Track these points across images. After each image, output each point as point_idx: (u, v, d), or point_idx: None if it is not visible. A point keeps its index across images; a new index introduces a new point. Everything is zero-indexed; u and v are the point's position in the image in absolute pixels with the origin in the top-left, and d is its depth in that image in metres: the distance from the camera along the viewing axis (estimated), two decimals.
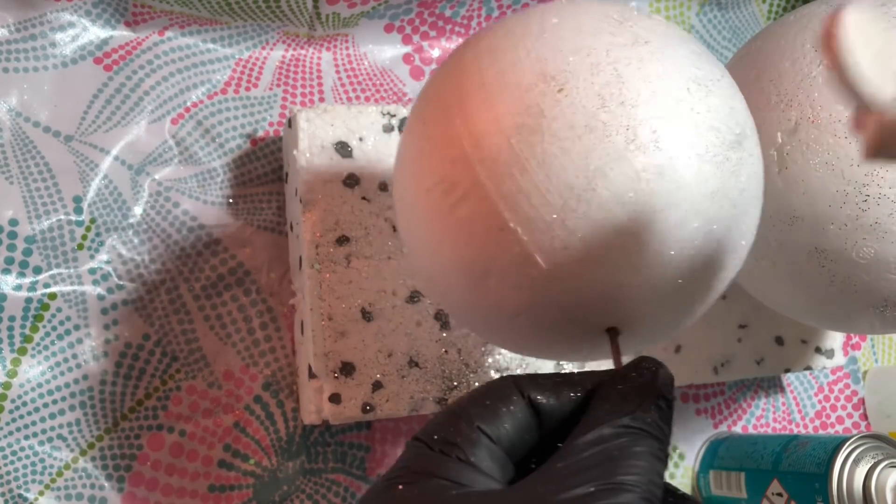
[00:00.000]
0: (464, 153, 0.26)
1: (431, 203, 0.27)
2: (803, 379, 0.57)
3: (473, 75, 0.26)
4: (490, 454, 0.23)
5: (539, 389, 0.24)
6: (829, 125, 0.34)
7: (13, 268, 0.40)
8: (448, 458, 0.22)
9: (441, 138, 0.27)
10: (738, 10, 0.59)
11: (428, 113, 0.28)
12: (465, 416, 0.23)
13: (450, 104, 0.27)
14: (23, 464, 0.39)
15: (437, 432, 0.23)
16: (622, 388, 0.23)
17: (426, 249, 0.28)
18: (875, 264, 0.34)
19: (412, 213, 0.28)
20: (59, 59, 0.43)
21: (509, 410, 0.23)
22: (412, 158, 0.28)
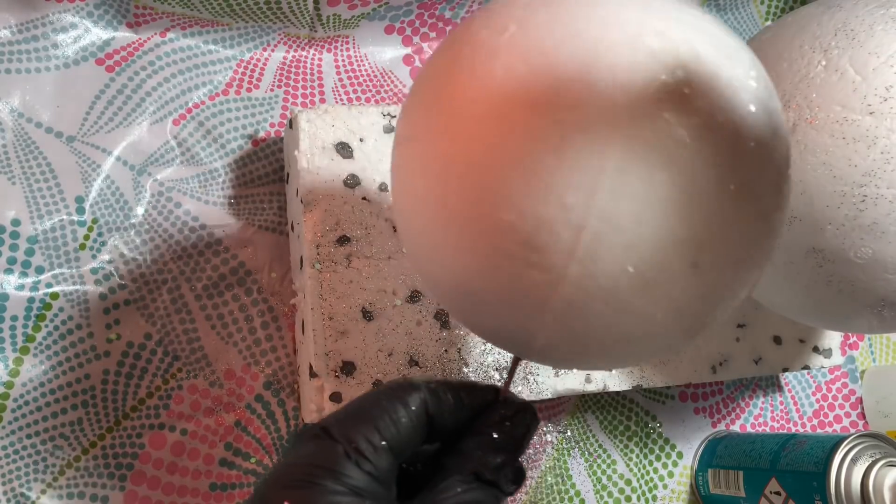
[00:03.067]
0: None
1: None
2: (801, 378, 0.58)
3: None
4: (388, 462, 0.25)
5: (438, 401, 0.27)
6: (826, 126, 0.34)
7: (15, 268, 0.40)
8: (359, 468, 0.24)
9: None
10: (736, 12, 0.59)
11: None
12: (378, 422, 0.25)
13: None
14: (25, 462, 0.39)
15: (350, 435, 0.25)
16: (496, 437, 0.27)
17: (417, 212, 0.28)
18: (873, 264, 0.34)
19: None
20: (61, 60, 0.43)
21: (412, 420, 0.26)
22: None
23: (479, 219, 0.23)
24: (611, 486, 0.50)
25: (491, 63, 0.24)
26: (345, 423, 0.25)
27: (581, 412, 0.50)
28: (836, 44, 0.35)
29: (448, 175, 0.24)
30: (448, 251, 0.25)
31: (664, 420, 0.52)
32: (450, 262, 0.25)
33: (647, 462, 0.51)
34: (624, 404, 0.51)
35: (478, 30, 0.26)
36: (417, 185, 0.26)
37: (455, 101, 0.25)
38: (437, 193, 0.25)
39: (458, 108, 0.24)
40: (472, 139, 0.24)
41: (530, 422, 0.28)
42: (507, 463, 0.27)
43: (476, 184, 0.23)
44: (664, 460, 0.52)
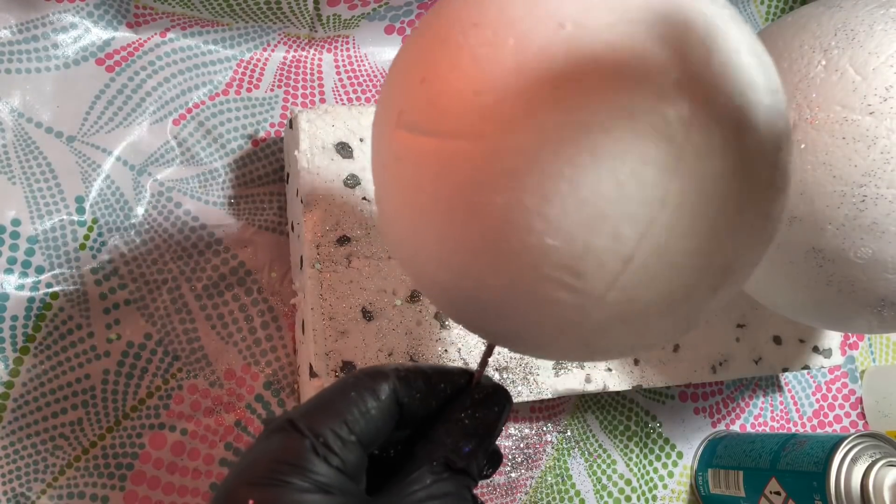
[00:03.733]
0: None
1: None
2: (801, 378, 0.58)
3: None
4: (356, 455, 0.25)
5: (408, 389, 0.27)
6: (826, 126, 0.34)
7: (15, 267, 0.40)
8: (326, 463, 0.24)
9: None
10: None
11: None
12: (346, 413, 0.25)
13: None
14: (25, 462, 0.39)
15: (317, 429, 0.24)
16: (468, 423, 0.27)
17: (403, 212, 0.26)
18: (873, 264, 0.35)
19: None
20: (61, 60, 0.43)
21: (381, 409, 0.26)
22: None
23: (512, 239, 0.22)
24: (611, 486, 0.50)
25: (497, 49, 0.22)
26: (312, 415, 0.25)
27: (581, 412, 0.50)
28: (836, 44, 0.35)
29: (476, 185, 0.22)
30: (470, 263, 0.24)
31: (664, 420, 0.52)
32: (470, 273, 0.24)
33: (647, 462, 0.51)
34: (624, 404, 0.51)
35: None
36: (428, 187, 0.23)
37: (482, 97, 0.22)
38: (460, 203, 0.23)
39: (485, 106, 0.22)
40: (500, 145, 0.21)
41: (502, 404, 0.28)
42: (477, 449, 0.26)
43: (511, 202, 0.21)
44: (664, 460, 0.52)
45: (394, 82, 0.26)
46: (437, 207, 0.23)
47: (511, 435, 0.48)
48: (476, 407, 0.27)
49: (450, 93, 0.22)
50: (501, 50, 0.22)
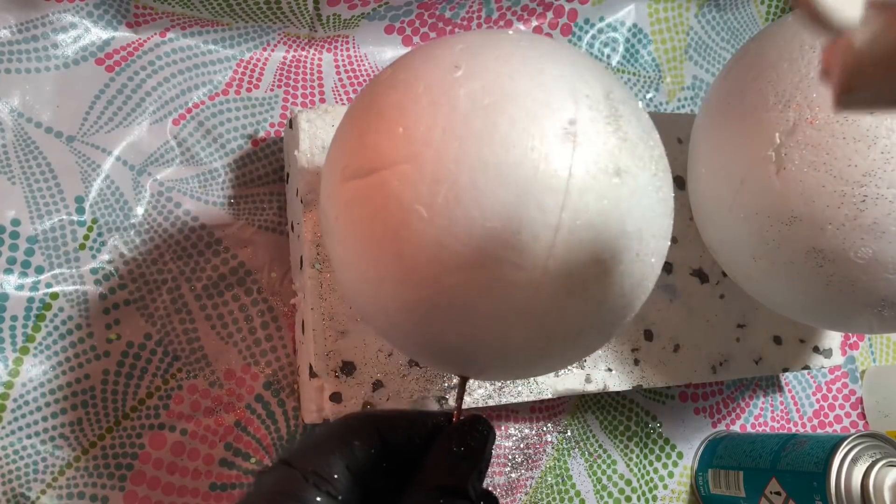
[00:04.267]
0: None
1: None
2: (801, 378, 0.58)
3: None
4: (351, 488, 0.27)
5: (392, 429, 0.29)
6: (827, 126, 0.34)
7: (15, 268, 0.40)
8: (318, 490, 0.26)
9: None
10: (736, 12, 0.59)
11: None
12: (333, 449, 0.27)
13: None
14: (24, 463, 0.39)
15: (308, 462, 0.27)
16: (456, 451, 0.29)
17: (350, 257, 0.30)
18: (873, 264, 0.35)
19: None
20: (61, 60, 0.43)
21: (367, 446, 0.28)
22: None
23: (459, 231, 0.26)
24: (611, 486, 0.50)
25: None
26: (303, 453, 0.27)
27: (581, 412, 0.50)
28: None
29: (413, 196, 0.26)
30: (427, 268, 0.27)
31: (664, 420, 0.52)
32: (429, 279, 0.27)
33: (647, 462, 0.51)
34: (624, 404, 0.51)
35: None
36: (378, 214, 0.27)
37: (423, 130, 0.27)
38: (403, 217, 0.27)
39: (410, 132, 0.27)
40: (426, 157, 0.27)
41: (486, 431, 0.30)
42: (471, 470, 0.28)
43: (448, 196, 0.26)
44: (664, 460, 0.52)
45: (337, 147, 0.30)
46: (386, 228, 0.27)
47: (511, 435, 0.48)
48: (462, 434, 0.29)
49: (381, 133, 0.28)
50: (415, 94, 0.28)
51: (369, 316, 0.31)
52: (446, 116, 0.26)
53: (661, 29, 0.57)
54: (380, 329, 0.32)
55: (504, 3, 0.50)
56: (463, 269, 0.26)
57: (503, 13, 0.51)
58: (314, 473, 0.26)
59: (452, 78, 0.27)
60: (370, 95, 0.30)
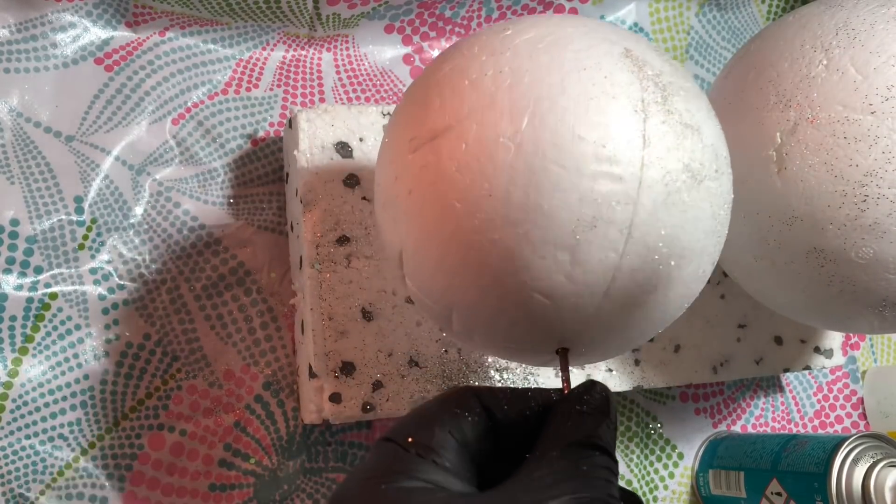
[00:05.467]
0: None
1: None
2: (802, 378, 0.57)
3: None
4: (460, 458, 0.24)
5: (496, 402, 0.26)
6: (827, 125, 0.34)
7: (14, 268, 0.40)
8: (424, 460, 0.23)
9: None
10: (737, 11, 0.59)
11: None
12: (438, 420, 0.25)
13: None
14: (24, 463, 0.39)
15: (410, 434, 0.24)
16: (579, 408, 0.26)
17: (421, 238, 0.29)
18: (874, 264, 0.34)
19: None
20: (60, 60, 0.43)
21: (472, 419, 0.25)
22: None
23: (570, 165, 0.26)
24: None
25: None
26: (403, 427, 0.25)
27: None
28: (837, 43, 0.35)
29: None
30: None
31: (665, 420, 0.52)
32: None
33: (647, 463, 0.51)
34: (624, 405, 0.51)
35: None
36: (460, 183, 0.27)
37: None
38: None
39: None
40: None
41: (605, 392, 0.27)
42: (600, 421, 0.25)
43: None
44: (665, 461, 0.52)
45: (399, 125, 0.30)
46: (471, 172, 0.26)
47: None
48: (581, 394, 0.26)
49: (445, 94, 0.28)
50: (472, 55, 0.28)
51: (456, 292, 0.29)
52: (515, 62, 0.27)
53: (661, 28, 0.57)
54: (467, 309, 0.29)
55: (504, 3, 0.50)
56: (560, 190, 0.25)
57: (503, 13, 0.51)
58: (416, 444, 0.24)
59: (504, 35, 0.28)
60: (425, 76, 0.30)
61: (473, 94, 0.27)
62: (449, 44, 0.51)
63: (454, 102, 0.27)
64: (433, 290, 0.29)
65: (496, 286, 0.27)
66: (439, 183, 0.27)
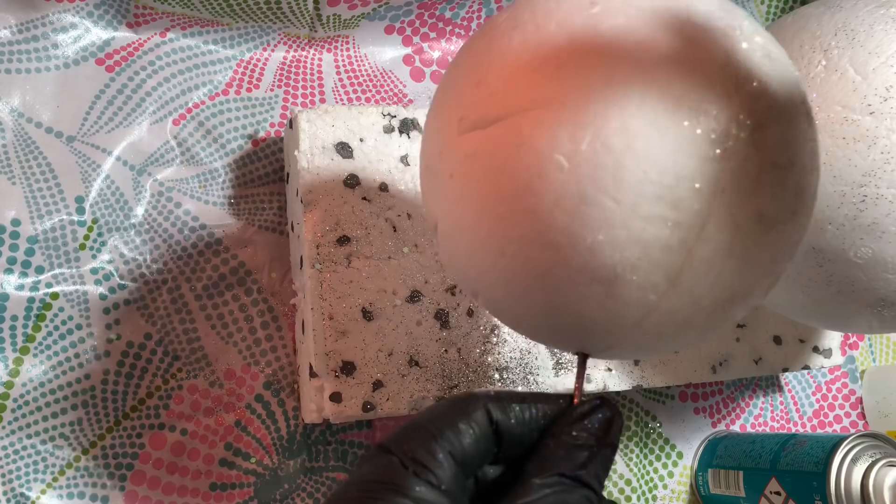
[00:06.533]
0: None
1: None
2: (801, 378, 0.58)
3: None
4: (455, 480, 0.24)
5: (503, 411, 0.26)
6: (826, 126, 0.34)
7: (15, 267, 0.40)
8: (419, 479, 0.23)
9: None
10: None
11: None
12: (436, 434, 0.24)
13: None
14: (25, 462, 0.39)
15: (407, 448, 0.24)
16: (576, 434, 0.26)
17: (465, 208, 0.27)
18: (873, 264, 0.35)
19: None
20: (61, 60, 0.43)
21: (474, 430, 0.25)
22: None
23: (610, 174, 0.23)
24: (610, 485, 0.50)
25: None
26: (402, 437, 0.25)
27: None
28: (836, 44, 0.35)
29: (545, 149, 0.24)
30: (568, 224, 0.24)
31: (664, 420, 0.52)
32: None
33: (647, 462, 0.51)
34: (624, 404, 0.51)
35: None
36: (505, 173, 0.25)
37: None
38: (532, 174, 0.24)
39: (541, 71, 0.24)
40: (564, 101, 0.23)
41: (610, 415, 0.27)
42: (591, 460, 0.25)
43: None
44: (664, 460, 0.52)
45: (448, 98, 0.27)
46: (517, 181, 0.24)
47: None
48: (582, 418, 0.26)
49: (507, 76, 0.24)
50: (547, 33, 0.24)
51: (485, 287, 0.27)
52: (586, 54, 0.23)
53: None
54: (494, 302, 0.28)
55: (504, 3, 0.50)
56: (608, 227, 0.23)
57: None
58: (414, 461, 0.23)
59: (589, 13, 0.24)
60: (488, 39, 0.26)
61: (536, 87, 0.24)
62: (449, 45, 0.51)
63: (512, 89, 0.24)
64: (461, 273, 0.28)
65: (524, 297, 0.26)
66: (482, 181, 0.25)
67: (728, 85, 0.23)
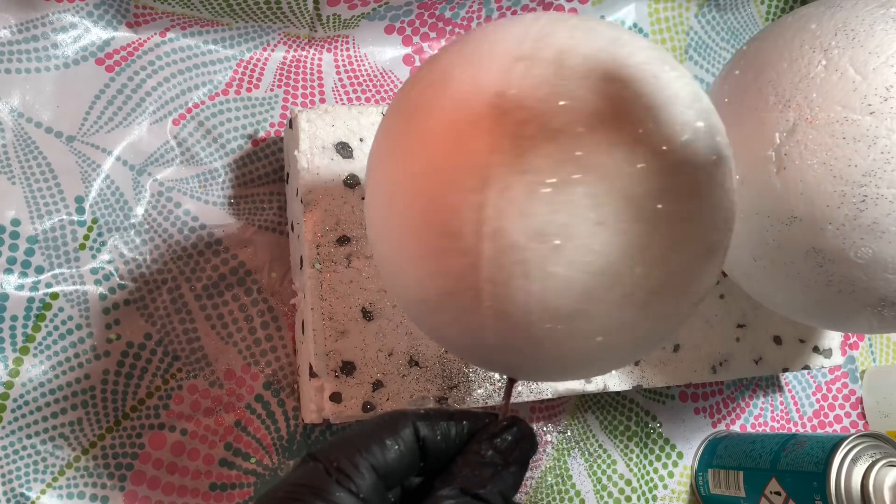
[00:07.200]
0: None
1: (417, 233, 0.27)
2: (801, 378, 0.58)
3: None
4: (375, 490, 0.26)
5: (430, 428, 0.28)
6: (826, 126, 0.34)
7: (15, 267, 0.40)
8: (340, 486, 0.26)
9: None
10: (736, 12, 0.59)
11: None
12: (362, 448, 0.27)
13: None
14: (25, 462, 0.39)
15: (333, 457, 0.26)
16: (483, 453, 0.28)
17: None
18: (873, 264, 0.34)
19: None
20: (61, 60, 0.43)
21: (399, 446, 0.27)
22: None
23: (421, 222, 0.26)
24: (611, 486, 0.50)
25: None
26: (330, 448, 0.27)
27: (581, 412, 0.50)
28: (836, 43, 0.35)
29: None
30: (405, 263, 0.27)
31: (664, 420, 0.52)
32: (408, 273, 0.27)
33: (647, 462, 0.51)
34: (624, 404, 0.51)
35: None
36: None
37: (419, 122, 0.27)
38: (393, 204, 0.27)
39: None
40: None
41: (520, 436, 0.29)
42: (494, 477, 0.27)
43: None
44: (664, 460, 0.52)
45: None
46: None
47: None
48: (492, 436, 0.28)
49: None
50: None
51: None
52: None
53: (661, 28, 0.57)
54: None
55: (504, 3, 0.50)
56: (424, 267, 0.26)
57: (503, 13, 0.51)
58: (338, 469, 0.26)
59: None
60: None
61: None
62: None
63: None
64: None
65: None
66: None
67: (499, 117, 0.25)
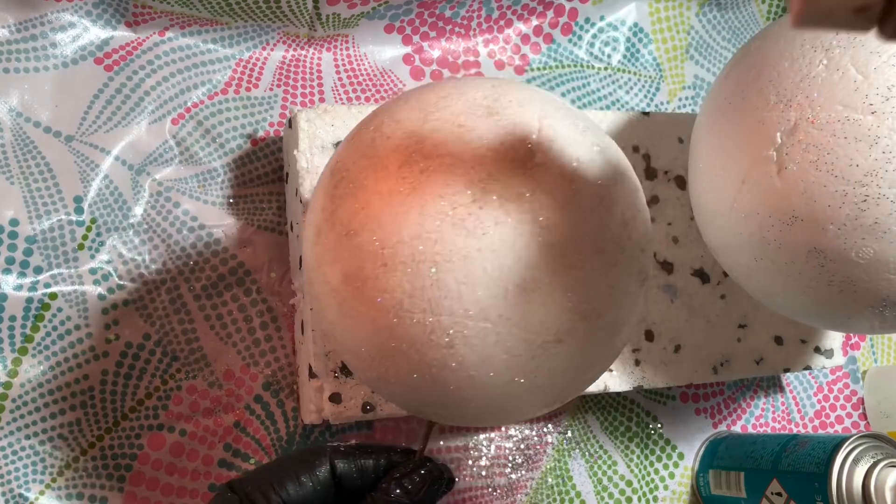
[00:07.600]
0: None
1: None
2: (803, 379, 0.57)
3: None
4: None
5: (347, 463, 0.30)
6: (828, 125, 0.34)
7: (14, 268, 0.40)
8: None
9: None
10: (737, 11, 0.59)
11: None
12: (275, 482, 0.29)
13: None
14: (23, 463, 0.39)
15: (249, 490, 0.28)
16: (392, 492, 0.30)
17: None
18: (874, 264, 0.34)
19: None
20: (59, 60, 0.43)
21: (313, 481, 0.29)
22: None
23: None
24: (611, 487, 0.50)
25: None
26: (247, 481, 0.29)
27: (582, 413, 0.50)
28: (837, 43, 0.35)
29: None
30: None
31: (665, 421, 0.52)
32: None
33: (647, 463, 0.51)
34: (625, 405, 0.51)
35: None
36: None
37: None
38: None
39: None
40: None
41: (429, 478, 0.30)
42: None
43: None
44: (665, 461, 0.52)
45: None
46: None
47: (511, 436, 0.48)
48: (402, 476, 0.30)
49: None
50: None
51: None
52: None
53: (661, 28, 0.57)
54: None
55: (504, 3, 0.50)
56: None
57: (503, 12, 0.51)
58: (250, 501, 0.28)
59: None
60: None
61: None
62: (449, 44, 0.51)
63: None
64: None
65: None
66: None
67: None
